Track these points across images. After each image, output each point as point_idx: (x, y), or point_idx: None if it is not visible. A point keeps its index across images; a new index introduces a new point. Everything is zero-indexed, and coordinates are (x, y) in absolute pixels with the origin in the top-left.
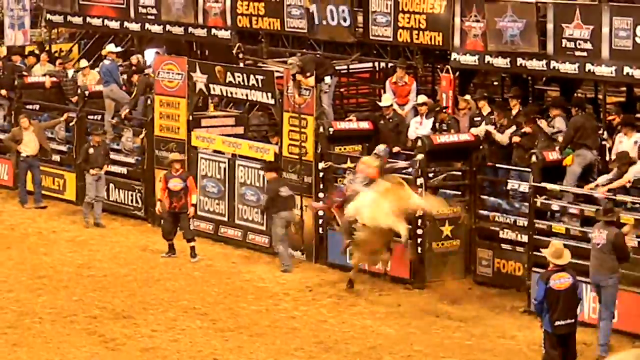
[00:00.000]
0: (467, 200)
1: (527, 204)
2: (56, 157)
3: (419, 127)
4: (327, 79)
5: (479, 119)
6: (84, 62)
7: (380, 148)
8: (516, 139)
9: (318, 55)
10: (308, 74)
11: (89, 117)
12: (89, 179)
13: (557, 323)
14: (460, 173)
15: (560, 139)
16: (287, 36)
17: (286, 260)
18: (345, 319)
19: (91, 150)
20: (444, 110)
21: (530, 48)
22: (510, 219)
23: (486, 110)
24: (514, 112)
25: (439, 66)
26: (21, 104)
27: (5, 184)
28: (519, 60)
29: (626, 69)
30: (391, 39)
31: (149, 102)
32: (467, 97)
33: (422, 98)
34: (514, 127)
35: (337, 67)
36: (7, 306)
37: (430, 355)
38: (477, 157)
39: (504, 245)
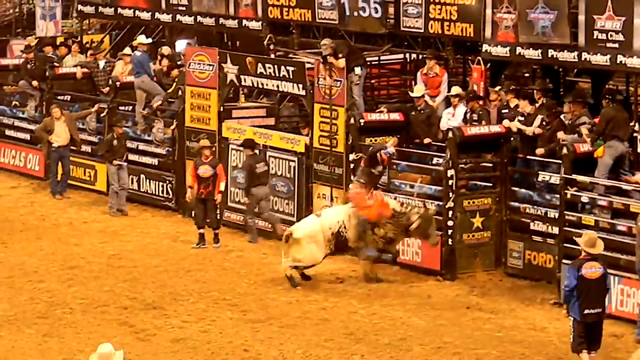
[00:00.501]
0: (498, 192)
1: (557, 195)
2: (87, 148)
3: (451, 119)
4: (358, 70)
5: (506, 111)
6: (127, 50)
7: (390, 150)
8: (538, 130)
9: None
10: (340, 56)
11: (119, 108)
12: (112, 169)
13: (586, 311)
14: (491, 165)
15: (583, 130)
16: (318, 27)
17: (254, 234)
18: (376, 310)
19: (115, 142)
20: (477, 100)
21: (562, 39)
22: (541, 210)
23: (514, 102)
24: (538, 105)
25: (470, 58)
26: (52, 95)
27: (36, 174)
28: (550, 52)
29: None
30: (422, 31)
31: (179, 93)
32: (498, 88)
33: (456, 89)
34: (539, 119)
35: (368, 59)
36: (38, 296)
37: (461, 347)
38: (508, 148)
39: (534, 237)
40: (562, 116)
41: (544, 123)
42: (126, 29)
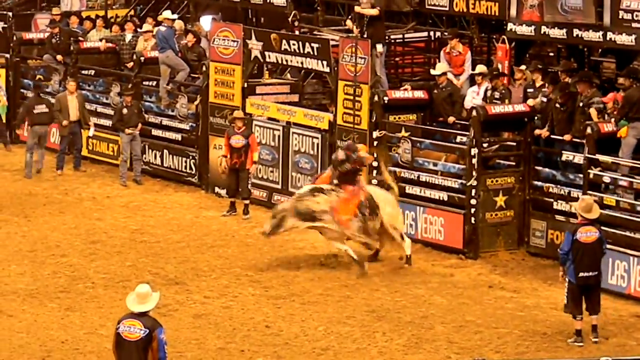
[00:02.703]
0: (521, 171)
1: (581, 175)
2: (110, 123)
3: (476, 97)
4: (379, 47)
5: (532, 90)
6: (146, 26)
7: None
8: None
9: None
10: (377, 8)
11: (144, 83)
12: (124, 138)
13: (581, 274)
14: (514, 144)
15: (592, 111)
16: (343, 4)
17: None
18: (398, 288)
19: (125, 111)
20: (500, 78)
21: (587, 19)
22: (564, 190)
23: (539, 82)
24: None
25: (494, 36)
26: (77, 69)
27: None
28: (575, 32)
29: None
30: (447, 9)
31: (204, 68)
32: (523, 67)
33: (481, 68)
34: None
35: (392, 36)
36: (60, 271)
37: (482, 325)
38: (532, 128)
39: (557, 217)
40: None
41: (557, 105)
42: (151, 3)
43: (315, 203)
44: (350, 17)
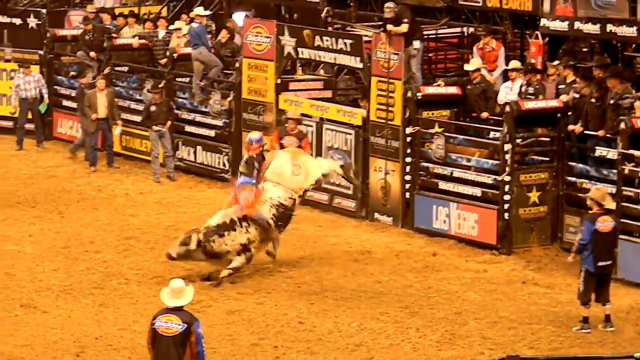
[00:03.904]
0: (555, 166)
1: (615, 171)
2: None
3: (509, 93)
4: (416, 44)
5: (563, 86)
6: (179, 23)
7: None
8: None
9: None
10: (404, 21)
11: (177, 79)
12: (153, 135)
13: (599, 263)
14: (548, 139)
15: (638, 104)
16: (376, 0)
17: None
18: (431, 284)
19: (153, 108)
20: (534, 73)
21: (621, 14)
22: (597, 186)
23: (571, 78)
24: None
25: (528, 32)
26: (111, 66)
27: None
28: (609, 27)
29: None
30: (480, 4)
31: (237, 64)
32: (556, 63)
33: (514, 63)
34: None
35: (425, 32)
36: (94, 267)
37: (516, 321)
38: (566, 123)
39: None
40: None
41: (592, 100)
42: (184, 0)
43: (223, 245)
44: (381, 30)
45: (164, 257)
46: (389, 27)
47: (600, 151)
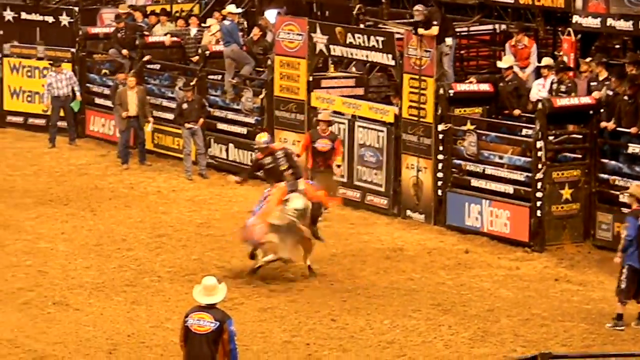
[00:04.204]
0: (587, 163)
1: None
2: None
3: (542, 90)
4: (449, 41)
5: (595, 83)
6: (210, 20)
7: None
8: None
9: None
10: (434, 23)
11: (209, 77)
12: (185, 132)
13: None
14: (580, 136)
15: None
16: None
17: None
18: (464, 282)
19: (185, 106)
20: (566, 71)
21: None
22: (630, 182)
23: (603, 75)
24: None
25: (560, 29)
26: (143, 64)
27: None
28: None
29: None
30: (512, 1)
31: (269, 62)
32: (588, 59)
33: (546, 60)
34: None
35: (457, 29)
36: (126, 264)
37: (548, 318)
38: (598, 120)
39: (624, 209)
40: None
41: (625, 97)
42: None
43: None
44: (412, 33)
45: (197, 254)
46: (420, 30)
47: (633, 148)
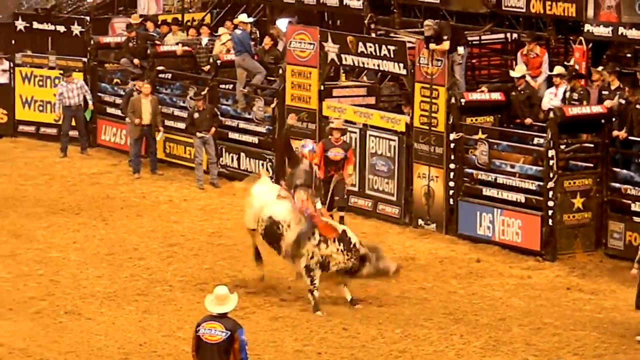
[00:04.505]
0: (599, 172)
1: None
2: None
3: (554, 99)
4: (460, 50)
5: (607, 92)
6: (222, 30)
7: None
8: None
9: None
10: (445, 38)
11: (220, 86)
12: (197, 141)
13: None
14: (592, 145)
15: None
16: (420, 6)
17: None
18: (475, 291)
19: (196, 115)
20: (579, 79)
21: None
22: None
23: (615, 84)
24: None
25: (571, 38)
26: (155, 73)
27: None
28: None
29: None
30: (524, 10)
31: (280, 71)
32: (600, 68)
33: (558, 69)
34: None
35: (469, 38)
36: (138, 274)
37: (560, 327)
38: (610, 129)
39: (635, 218)
40: None
41: (638, 106)
42: (227, 7)
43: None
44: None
45: (208, 263)
46: (431, 46)
47: None
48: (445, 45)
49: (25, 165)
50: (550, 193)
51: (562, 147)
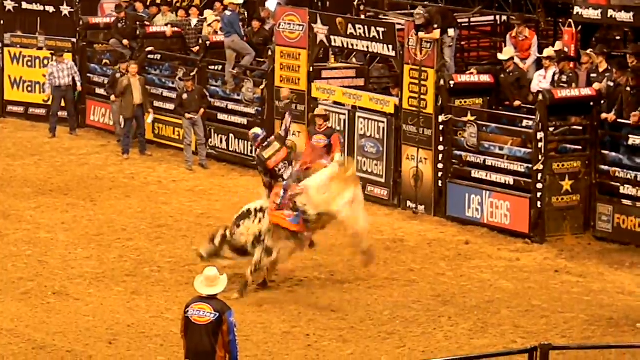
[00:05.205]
0: (587, 155)
1: None
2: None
3: (543, 81)
4: (450, 32)
5: (595, 75)
6: (208, 12)
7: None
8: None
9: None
10: (435, 26)
11: (209, 67)
12: (185, 122)
13: None
14: (581, 128)
15: None
16: None
17: None
18: (464, 273)
19: (185, 96)
20: (568, 61)
21: None
22: (631, 174)
23: (603, 66)
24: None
25: (561, 20)
26: (144, 54)
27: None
28: None
29: None
30: None
31: (269, 52)
32: (589, 51)
33: (548, 51)
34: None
35: (458, 20)
36: (126, 254)
37: (548, 310)
38: (599, 112)
39: (624, 201)
40: None
41: (627, 88)
42: None
43: (241, 236)
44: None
45: (197, 248)
46: (421, 34)
47: (634, 140)
48: (436, 34)
49: (14, 145)
50: (539, 175)
51: (551, 129)
